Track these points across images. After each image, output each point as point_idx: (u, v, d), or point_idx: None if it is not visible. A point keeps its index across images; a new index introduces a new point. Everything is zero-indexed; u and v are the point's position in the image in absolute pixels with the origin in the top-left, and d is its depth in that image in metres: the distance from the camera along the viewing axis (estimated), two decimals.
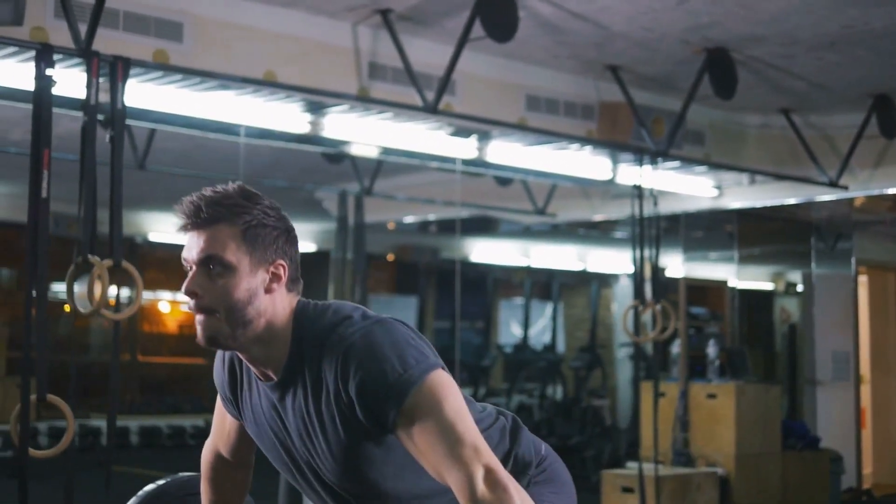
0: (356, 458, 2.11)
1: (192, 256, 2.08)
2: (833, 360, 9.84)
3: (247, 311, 2.07)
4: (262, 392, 2.20)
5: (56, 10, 4.83)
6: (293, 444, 2.19)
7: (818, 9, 5.61)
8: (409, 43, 5.87)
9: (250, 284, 2.07)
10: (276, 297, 2.11)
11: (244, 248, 2.06)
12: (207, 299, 2.06)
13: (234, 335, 2.07)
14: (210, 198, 2.08)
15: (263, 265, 2.09)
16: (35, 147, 4.30)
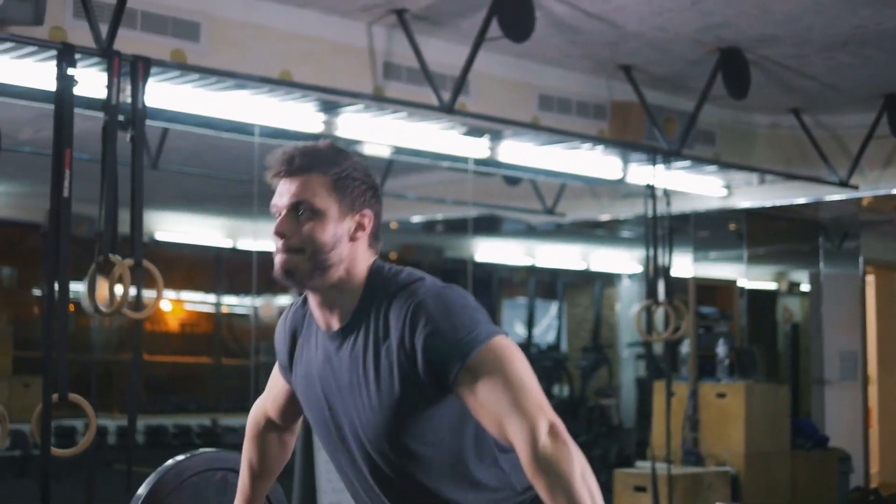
0: (400, 415, 2.14)
1: (282, 202, 2.18)
2: (840, 360, 9.86)
3: (330, 254, 2.17)
4: (320, 345, 2.28)
5: (75, 10, 4.84)
6: (339, 398, 2.23)
7: (831, 9, 5.62)
8: (424, 43, 5.87)
9: (336, 230, 2.18)
10: (358, 248, 2.21)
11: (333, 196, 2.18)
12: (295, 240, 2.17)
13: (312, 275, 2.17)
14: (304, 149, 2.20)
15: (350, 214, 2.20)
16: (57, 147, 4.32)
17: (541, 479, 1.94)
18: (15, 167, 8.47)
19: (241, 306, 13.18)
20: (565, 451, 1.96)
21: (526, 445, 1.96)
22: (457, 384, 2.05)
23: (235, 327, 13.10)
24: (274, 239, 2.19)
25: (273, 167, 2.20)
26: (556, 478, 1.93)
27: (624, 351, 12.85)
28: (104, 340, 11.81)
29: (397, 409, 2.13)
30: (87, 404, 4.32)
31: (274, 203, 2.20)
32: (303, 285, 2.21)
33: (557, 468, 1.93)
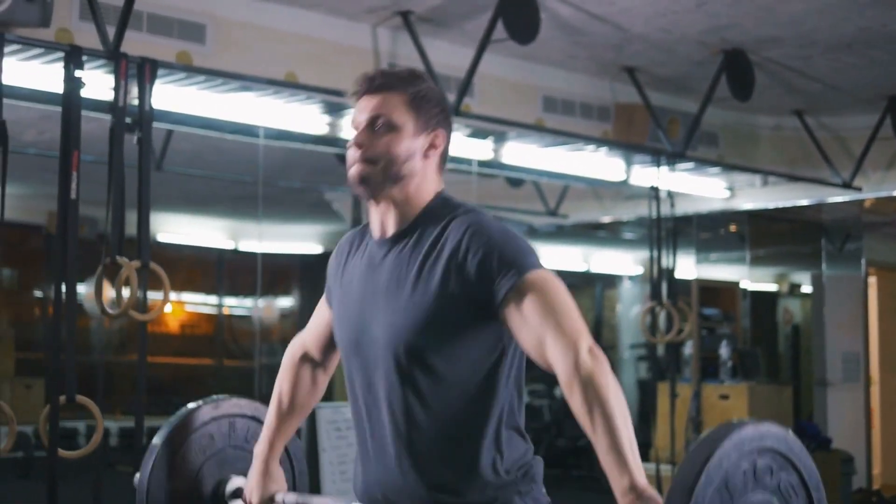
0: (429, 321, 2.19)
1: (362, 118, 2.30)
2: (843, 361, 9.86)
3: (403, 167, 2.28)
4: (367, 253, 2.36)
5: (82, 12, 4.85)
6: (373, 301, 2.29)
7: (836, 10, 5.63)
8: (429, 44, 5.88)
9: (411, 145, 2.28)
10: (429, 166, 2.32)
11: (410, 114, 2.29)
12: (371, 151, 2.27)
13: (383, 184, 2.28)
14: (383, 70, 2.35)
15: (425, 132, 2.30)
16: (64, 149, 4.32)
17: (577, 393, 2.02)
18: (16, 168, 8.46)
19: (243, 307, 13.19)
20: (603, 368, 2.05)
21: (566, 361, 2.05)
22: (505, 302, 2.14)
23: (237, 329, 13.10)
24: (350, 150, 2.30)
25: (354, 89, 2.32)
26: (594, 391, 2.01)
27: (625, 352, 12.86)
28: (105, 341, 11.82)
29: (428, 314, 2.19)
30: (94, 406, 4.32)
31: (353, 118, 2.32)
32: (373, 194, 2.30)
33: (595, 382, 2.02)
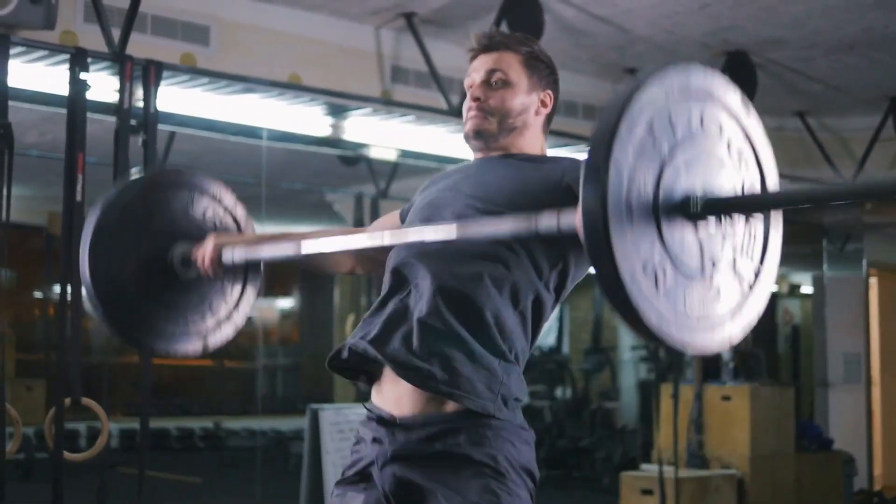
0: (521, 201, 2.23)
1: (479, 75, 2.41)
2: (844, 362, 9.86)
3: (517, 119, 2.39)
4: (463, 166, 2.47)
5: (86, 15, 4.85)
6: (460, 190, 2.36)
7: (839, 12, 5.64)
8: (432, 46, 5.89)
9: (524, 101, 2.40)
10: (538, 121, 2.44)
11: (525, 72, 2.40)
12: (488, 104, 2.38)
13: (497, 136, 2.38)
14: (499, 31, 2.51)
15: (536, 90, 2.41)
16: (69, 151, 4.33)
17: None
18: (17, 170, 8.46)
19: None
20: None
21: None
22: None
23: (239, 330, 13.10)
24: (467, 104, 2.40)
25: (472, 48, 2.43)
26: None
27: (625, 353, 12.87)
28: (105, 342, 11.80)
29: (520, 199, 2.25)
30: (99, 409, 4.32)
31: (469, 76, 2.42)
32: (488, 145, 2.40)
33: None
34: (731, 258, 1.89)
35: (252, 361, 12.57)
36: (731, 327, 1.89)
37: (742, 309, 1.93)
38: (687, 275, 1.80)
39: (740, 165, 1.93)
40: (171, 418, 12.02)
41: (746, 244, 1.95)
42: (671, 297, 1.77)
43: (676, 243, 1.78)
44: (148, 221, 2.57)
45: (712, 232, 1.84)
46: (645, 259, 1.73)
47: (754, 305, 1.95)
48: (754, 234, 1.96)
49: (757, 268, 1.97)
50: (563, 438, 10.71)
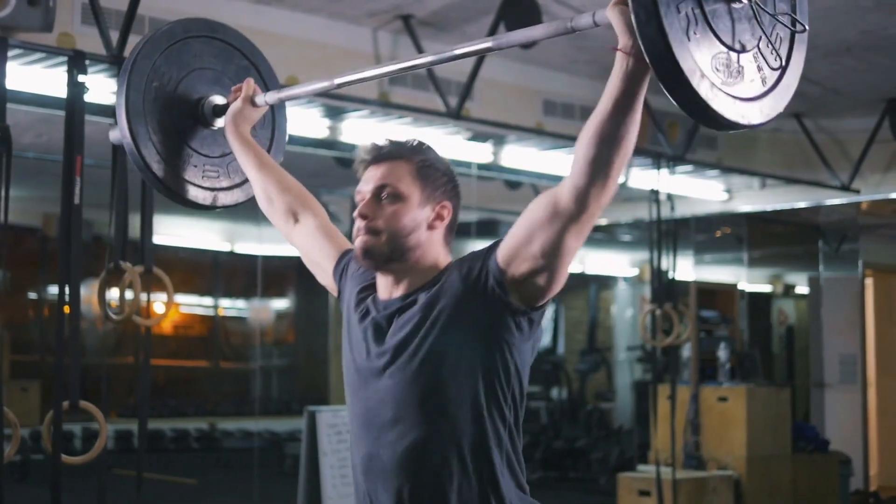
0: (444, 354, 2.16)
1: (367, 187, 2.26)
2: (840, 363, 9.87)
3: (409, 238, 2.24)
4: (374, 307, 2.30)
5: (84, 17, 4.84)
6: (381, 352, 2.24)
7: (837, 14, 5.64)
8: (430, 48, 5.88)
9: (416, 216, 2.24)
10: (435, 237, 2.27)
11: (417, 184, 2.25)
12: (377, 222, 2.24)
13: (389, 256, 2.24)
14: (391, 140, 2.30)
15: (431, 203, 2.27)
16: (67, 153, 4.30)
17: (580, 147, 2.02)
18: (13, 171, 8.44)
19: (239, 310, 13.17)
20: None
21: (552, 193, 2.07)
22: (498, 257, 2.13)
23: (234, 331, 13.09)
24: (356, 220, 2.26)
25: (360, 157, 2.29)
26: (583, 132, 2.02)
27: (620, 354, 12.87)
28: (99, 344, 11.81)
29: (446, 349, 2.16)
30: (97, 411, 4.30)
31: (359, 189, 2.28)
32: (378, 267, 2.26)
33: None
34: (760, 46, 1.97)
35: (248, 362, 12.56)
36: (761, 105, 1.98)
37: (773, 91, 2.02)
38: (733, 50, 1.90)
39: None
40: (166, 419, 11.99)
41: (774, 38, 2.02)
42: (726, 78, 1.88)
43: (721, 18, 1.89)
44: (188, 67, 2.77)
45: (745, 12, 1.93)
46: (699, 38, 1.84)
47: (784, 93, 2.05)
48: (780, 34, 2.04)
49: (783, 62, 2.04)
50: (560, 439, 10.71)
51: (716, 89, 1.86)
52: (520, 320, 2.16)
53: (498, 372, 2.16)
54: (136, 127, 2.66)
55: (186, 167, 2.76)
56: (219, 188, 2.83)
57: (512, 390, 2.20)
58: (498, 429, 2.19)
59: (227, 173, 2.83)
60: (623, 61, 1.93)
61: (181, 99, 2.76)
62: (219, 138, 2.78)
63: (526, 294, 2.14)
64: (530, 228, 2.09)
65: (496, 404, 2.18)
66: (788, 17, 2.02)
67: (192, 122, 2.78)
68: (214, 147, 2.81)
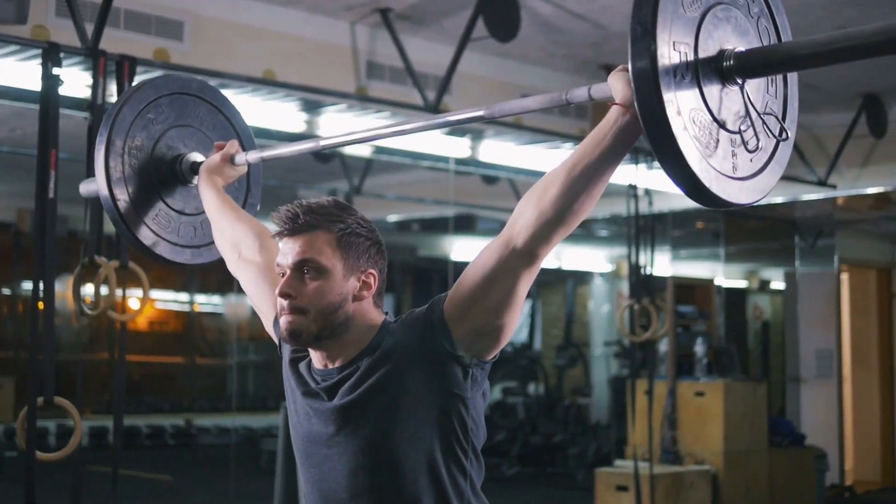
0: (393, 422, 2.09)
1: (286, 261, 2.14)
2: (816, 358, 9.91)
3: (337, 314, 2.12)
4: (312, 378, 2.21)
5: (58, 9, 4.79)
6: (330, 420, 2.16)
7: (815, 9, 5.65)
8: (408, 42, 5.86)
9: (342, 289, 2.13)
10: (364, 306, 2.16)
11: (338, 254, 2.13)
12: (301, 301, 2.11)
13: (318, 335, 2.12)
14: (307, 206, 2.16)
15: (355, 273, 2.15)
16: (42, 147, 4.26)
17: (541, 189, 1.98)
18: None
19: (215, 305, 13.11)
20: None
21: (511, 223, 2.02)
22: (445, 313, 2.07)
23: (210, 327, 13.03)
24: (278, 300, 2.14)
25: (277, 226, 2.16)
26: (549, 177, 1.99)
27: (597, 349, 12.89)
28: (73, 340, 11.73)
29: (395, 411, 2.09)
30: (72, 408, 4.26)
31: (278, 263, 2.16)
32: (309, 346, 2.16)
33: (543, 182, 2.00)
34: (758, 115, 1.98)
35: (224, 358, 12.51)
36: (763, 181, 1.99)
37: (771, 163, 2.02)
38: (723, 128, 1.91)
39: (759, 30, 2.02)
40: (142, 416, 11.94)
41: (770, 102, 2.03)
42: (713, 152, 1.88)
43: (713, 99, 1.90)
44: (166, 124, 2.79)
45: (741, 88, 1.94)
46: (691, 113, 1.85)
47: (781, 161, 2.05)
48: (775, 94, 2.06)
49: (780, 126, 2.04)
50: (537, 435, 10.71)
51: (704, 162, 1.87)
52: (471, 372, 2.10)
53: (454, 429, 2.10)
54: (115, 189, 2.67)
55: (167, 228, 2.77)
56: (196, 245, 2.84)
57: (471, 443, 2.13)
58: (458, 484, 2.13)
59: (202, 229, 2.83)
60: (619, 116, 1.91)
61: (159, 156, 2.76)
62: (197, 196, 2.77)
63: (475, 348, 2.08)
64: (483, 279, 2.03)
65: (455, 462, 2.12)
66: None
67: (171, 180, 2.78)
68: (192, 205, 2.81)
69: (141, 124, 2.73)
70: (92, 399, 10.95)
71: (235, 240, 2.57)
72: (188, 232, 2.81)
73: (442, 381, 2.08)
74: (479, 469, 2.17)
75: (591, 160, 1.94)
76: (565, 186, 1.95)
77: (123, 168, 2.69)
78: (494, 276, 2.02)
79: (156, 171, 2.75)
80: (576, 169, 1.95)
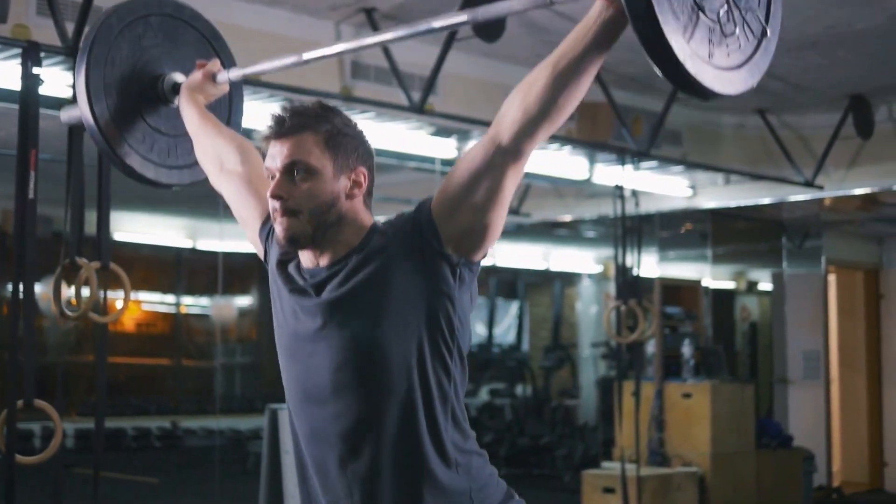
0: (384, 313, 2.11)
1: (276, 164, 2.16)
2: (803, 359, 9.90)
3: (329, 213, 2.15)
4: (300, 276, 2.23)
5: (39, 8, 4.75)
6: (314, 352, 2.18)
7: (803, 9, 5.63)
8: (393, 42, 5.82)
9: (333, 188, 2.15)
10: (356, 205, 2.19)
11: (327, 155, 2.15)
12: (293, 202, 2.14)
13: (314, 236, 2.15)
14: (293, 109, 2.18)
15: (345, 172, 2.17)
16: (22, 147, 4.21)
17: (536, 88, 2.02)
18: None
19: (201, 307, 13.06)
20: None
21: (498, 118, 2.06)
22: (433, 211, 2.10)
23: (196, 328, 12.97)
24: (270, 203, 2.17)
25: (265, 131, 2.18)
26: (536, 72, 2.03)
27: (585, 351, 12.86)
28: (58, 342, 11.67)
29: (384, 306, 2.10)
30: (53, 410, 4.21)
31: (267, 166, 2.18)
32: (306, 248, 2.18)
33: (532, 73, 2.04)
34: (739, 10, 1.98)
35: (210, 360, 12.45)
36: (739, 77, 1.99)
37: (749, 63, 2.02)
38: (703, 12, 1.91)
39: None
40: (127, 418, 11.88)
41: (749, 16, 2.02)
42: (692, 35, 1.88)
43: None
44: (149, 44, 2.81)
45: None
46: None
47: (760, 65, 2.05)
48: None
49: (762, 26, 2.04)
50: (524, 436, 10.68)
51: (696, 57, 1.87)
52: (459, 271, 2.12)
53: (441, 327, 2.11)
54: (97, 104, 2.68)
55: (143, 143, 2.78)
56: (173, 166, 2.86)
57: (457, 343, 2.15)
58: (442, 384, 2.14)
59: (177, 151, 2.85)
60: (603, 9, 1.93)
61: (140, 75, 2.78)
62: (176, 116, 2.79)
63: (463, 246, 2.11)
64: (470, 177, 2.07)
65: (440, 361, 2.13)
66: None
67: (152, 98, 2.81)
68: (171, 124, 2.82)
69: (128, 36, 2.75)
70: (78, 401, 10.89)
71: (217, 152, 2.57)
72: (162, 151, 2.83)
73: (430, 279, 2.10)
74: (462, 376, 2.19)
75: (575, 55, 1.98)
76: (550, 82, 1.99)
77: (104, 77, 2.70)
78: (480, 172, 2.05)
79: (137, 87, 2.77)
80: (560, 64, 1.99)
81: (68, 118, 2.89)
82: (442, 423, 2.13)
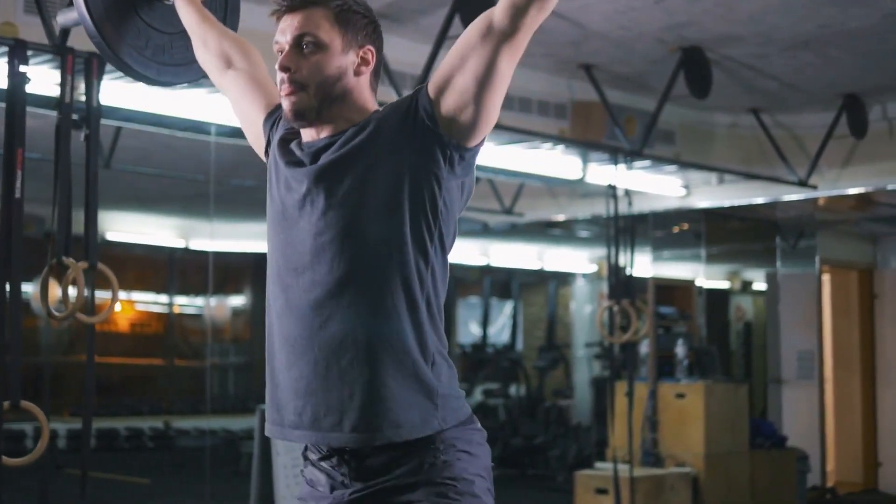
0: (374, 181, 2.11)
1: (285, 38, 2.17)
2: (797, 359, 9.88)
3: (336, 87, 2.16)
4: (298, 150, 2.23)
5: (27, 6, 4.71)
6: (306, 188, 2.17)
7: (797, 8, 5.60)
8: (385, 41, 5.78)
9: (341, 63, 2.17)
10: (362, 83, 2.20)
11: (336, 29, 2.17)
12: (300, 74, 2.15)
13: (319, 109, 2.16)
14: None
15: (354, 48, 2.19)
16: (8, 146, 4.19)
17: None
18: None
19: (194, 307, 13.03)
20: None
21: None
22: (429, 88, 2.12)
23: (188, 328, 12.94)
24: (278, 76, 2.17)
25: (275, 4, 2.18)
26: None
27: (579, 351, 12.84)
28: (52, 342, 11.62)
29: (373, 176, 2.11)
30: (39, 412, 4.18)
31: (276, 40, 2.19)
32: (312, 123, 2.18)
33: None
34: None
35: (202, 360, 12.41)
36: None
37: None
38: None
39: None
40: (119, 418, 11.84)
41: None
42: None
43: None
44: None
45: None
46: None
47: None
48: None
49: None
50: (518, 436, 10.65)
51: None
52: (450, 153, 2.11)
53: (425, 207, 2.11)
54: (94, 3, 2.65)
55: (138, 39, 2.75)
56: (168, 63, 2.81)
57: (439, 228, 2.14)
58: (420, 267, 2.12)
59: (179, 50, 2.80)
60: None
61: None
62: (172, 13, 2.74)
63: (455, 127, 2.10)
64: (463, 52, 2.09)
65: (419, 241, 2.12)
66: None
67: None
68: (166, 21, 2.78)
69: None
70: (71, 401, 10.84)
71: (223, 50, 2.54)
72: (157, 48, 2.79)
73: (420, 155, 2.10)
74: (442, 271, 2.18)
75: None
76: None
77: None
78: (474, 49, 2.08)
79: None
80: None
81: (65, 20, 2.87)
82: (421, 309, 2.12)
